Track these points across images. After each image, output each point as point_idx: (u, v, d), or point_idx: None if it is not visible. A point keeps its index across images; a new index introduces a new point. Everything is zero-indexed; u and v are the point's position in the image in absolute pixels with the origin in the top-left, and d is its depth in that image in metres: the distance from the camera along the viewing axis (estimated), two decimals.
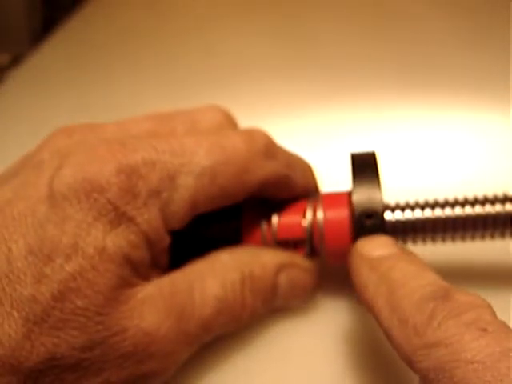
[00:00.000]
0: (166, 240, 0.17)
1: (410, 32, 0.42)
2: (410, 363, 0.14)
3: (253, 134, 0.19)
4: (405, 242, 0.20)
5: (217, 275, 0.18)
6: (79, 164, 0.16)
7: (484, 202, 0.19)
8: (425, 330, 0.14)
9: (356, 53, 0.40)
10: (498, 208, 0.18)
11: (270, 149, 0.19)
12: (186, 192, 0.17)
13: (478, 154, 0.29)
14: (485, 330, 0.13)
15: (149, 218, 0.16)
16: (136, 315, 0.16)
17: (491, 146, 0.29)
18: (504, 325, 0.13)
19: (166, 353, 0.16)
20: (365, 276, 0.17)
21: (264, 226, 0.20)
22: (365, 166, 0.20)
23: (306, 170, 0.21)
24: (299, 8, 0.49)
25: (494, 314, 0.14)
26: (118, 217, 0.16)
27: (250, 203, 0.21)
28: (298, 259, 0.20)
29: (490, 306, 0.14)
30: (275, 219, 0.20)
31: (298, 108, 0.34)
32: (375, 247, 0.18)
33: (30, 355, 0.14)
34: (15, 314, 0.14)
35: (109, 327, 0.15)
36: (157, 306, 0.16)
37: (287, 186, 0.20)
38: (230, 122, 0.20)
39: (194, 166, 0.17)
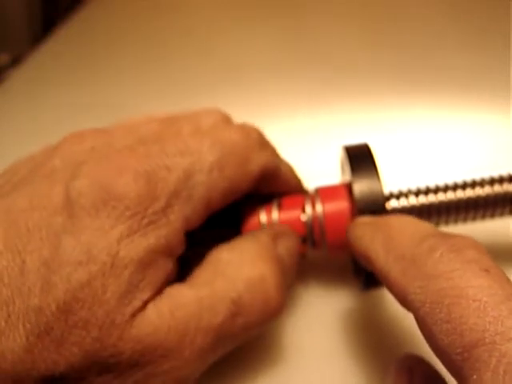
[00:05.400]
0: (183, 245, 0.17)
1: (409, 33, 0.42)
2: (405, 297, 0.14)
3: (247, 128, 0.20)
4: None
5: (224, 277, 0.17)
6: (94, 173, 0.16)
7: (482, 183, 0.19)
8: (424, 262, 0.13)
9: (355, 54, 0.40)
10: (496, 188, 0.19)
11: (263, 140, 0.20)
12: (201, 189, 0.17)
13: (477, 155, 0.29)
14: (487, 270, 0.12)
15: (168, 220, 0.16)
16: (131, 337, 0.15)
17: (491, 146, 0.29)
18: (502, 271, 0.13)
19: (170, 370, 0.16)
20: (360, 231, 0.17)
21: (265, 226, 0.20)
22: (360, 158, 0.20)
23: (290, 165, 0.22)
24: (299, 10, 0.49)
25: (492, 259, 0.13)
26: (137, 223, 0.15)
27: (248, 205, 0.21)
28: (283, 227, 0.20)
29: (488, 253, 0.14)
30: (275, 217, 0.20)
31: (298, 109, 0.34)
32: (371, 217, 0.18)
33: (31, 371, 0.14)
34: (21, 327, 0.14)
35: (106, 347, 0.15)
36: (153, 325, 0.15)
37: (279, 177, 0.20)
38: (229, 123, 0.21)
39: (203, 162, 0.17)
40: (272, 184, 0.20)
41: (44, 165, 0.18)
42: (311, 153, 0.22)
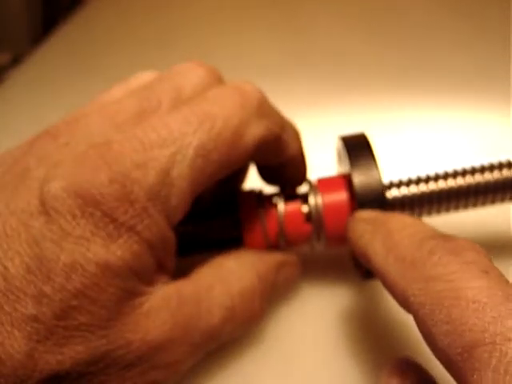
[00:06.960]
0: (172, 239, 0.17)
1: (409, 33, 0.42)
2: (404, 298, 0.14)
3: (244, 92, 0.18)
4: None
5: (224, 284, 0.18)
6: (68, 176, 0.15)
7: (482, 170, 0.20)
8: (424, 264, 0.13)
9: (356, 54, 0.40)
10: (495, 175, 0.19)
11: (263, 106, 0.18)
12: (183, 182, 0.16)
13: (477, 155, 0.29)
14: (486, 272, 0.13)
15: (150, 222, 0.15)
16: (140, 328, 0.15)
17: (490, 146, 0.29)
18: (501, 273, 0.13)
19: (170, 363, 0.16)
20: (360, 228, 0.17)
21: (263, 218, 0.20)
22: (358, 147, 0.20)
23: (297, 132, 0.20)
24: (298, 10, 0.49)
25: (492, 261, 0.13)
26: (117, 228, 0.15)
27: (246, 198, 0.21)
28: (291, 257, 0.21)
29: (488, 254, 0.14)
30: (274, 210, 0.20)
31: (298, 108, 0.34)
32: (371, 212, 0.18)
33: (32, 373, 0.14)
34: (16, 333, 0.14)
35: (113, 341, 0.15)
36: (163, 318, 0.16)
37: (280, 147, 0.19)
38: (215, 77, 0.19)
39: (186, 150, 0.16)
40: (272, 155, 0.19)
41: (17, 163, 0.17)
42: (310, 153, 0.22)
